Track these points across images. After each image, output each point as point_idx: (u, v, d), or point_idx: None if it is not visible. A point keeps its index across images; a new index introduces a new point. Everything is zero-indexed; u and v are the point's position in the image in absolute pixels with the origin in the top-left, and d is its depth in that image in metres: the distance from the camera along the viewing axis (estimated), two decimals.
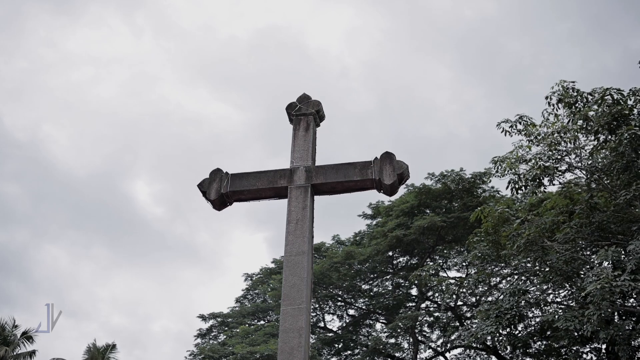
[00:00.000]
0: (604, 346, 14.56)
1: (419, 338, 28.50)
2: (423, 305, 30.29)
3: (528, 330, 13.46)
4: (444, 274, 28.34)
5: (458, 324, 27.87)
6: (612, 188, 13.99)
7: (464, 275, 28.32)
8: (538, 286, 14.05)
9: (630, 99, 14.62)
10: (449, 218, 23.27)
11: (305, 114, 8.95)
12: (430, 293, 29.61)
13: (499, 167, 16.62)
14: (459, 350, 29.52)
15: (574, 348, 15.45)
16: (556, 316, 12.29)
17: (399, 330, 29.09)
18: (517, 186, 14.62)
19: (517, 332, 13.84)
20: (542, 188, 14.17)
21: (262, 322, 33.32)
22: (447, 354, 30.01)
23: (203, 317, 34.34)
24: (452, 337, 22.30)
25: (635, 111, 14.29)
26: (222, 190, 8.30)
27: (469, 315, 29.44)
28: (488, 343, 25.60)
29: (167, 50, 70.24)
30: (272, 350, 22.10)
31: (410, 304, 31.06)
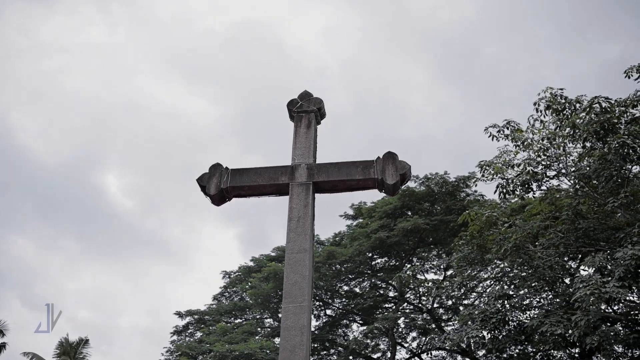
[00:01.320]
0: (576, 350, 14.75)
1: (398, 340, 28.63)
2: (400, 307, 30.45)
3: (512, 334, 13.56)
4: (421, 277, 28.55)
5: (434, 326, 28.09)
6: (598, 195, 14.19)
7: (441, 278, 28.63)
8: (523, 291, 14.18)
9: (616, 109, 14.86)
10: (432, 221, 23.40)
11: (306, 111, 8.89)
12: (408, 295, 29.76)
13: (485, 172, 16.76)
14: (435, 352, 29.77)
15: (553, 353, 15.66)
16: (542, 321, 12.40)
17: (375, 332, 29.21)
18: (505, 190, 14.76)
19: (500, 336, 13.93)
20: (531, 194, 14.31)
21: (239, 320, 33.20)
22: (423, 355, 30.22)
23: (180, 314, 34.07)
24: (436, 339, 22.42)
25: (623, 120, 14.52)
26: (222, 185, 8.20)
27: (445, 317, 29.70)
28: (463, 345, 25.86)
29: (143, 42, 69.12)
30: (252, 349, 21.96)
31: (387, 305, 31.21)
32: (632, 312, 12.65)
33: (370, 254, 27.71)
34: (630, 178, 13.89)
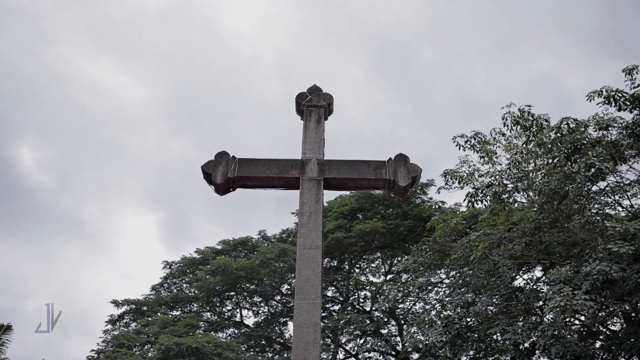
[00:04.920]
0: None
1: (342, 341, 28.86)
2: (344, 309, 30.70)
3: (471, 341, 13.93)
4: (365, 279, 28.93)
5: (373, 329, 28.51)
6: (561, 212, 14.80)
7: (379, 281, 29.10)
8: (484, 298, 14.61)
9: (583, 130, 15.54)
10: (389, 224, 23.71)
11: (316, 105, 8.80)
12: (353, 297, 30.05)
13: (448, 180, 17.15)
14: (371, 354, 30.21)
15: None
16: (504, 329, 12.80)
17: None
18: (473, 200, 15.13)
19: (460, 342, 14.28)
20: (502, 205, 14.74)
21: (176, 312, 32.54)
22: (360, 356, 30.61)
23: (116, 303, 33.10)
24: (377, 343, 22.70)
25: (586, 141, 15.19)
26: (230, 174, 8.00)
27: (385, 320, 30.19)
28: (398, 348, 26.42)
29: (70, 10, 65.32)
30: (200, 343, 21.54)
31: (329, 306, 31.41)
32: (595, 325, 13.28)
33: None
34: (593, 197, 14.58)
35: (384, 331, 28.88)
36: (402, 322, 28.15)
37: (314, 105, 8.68)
